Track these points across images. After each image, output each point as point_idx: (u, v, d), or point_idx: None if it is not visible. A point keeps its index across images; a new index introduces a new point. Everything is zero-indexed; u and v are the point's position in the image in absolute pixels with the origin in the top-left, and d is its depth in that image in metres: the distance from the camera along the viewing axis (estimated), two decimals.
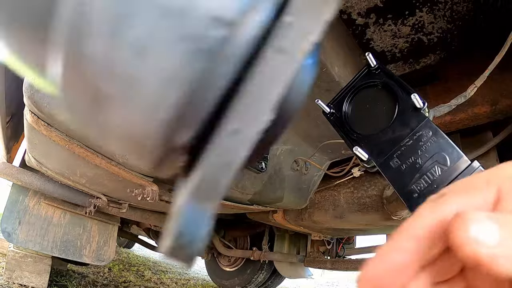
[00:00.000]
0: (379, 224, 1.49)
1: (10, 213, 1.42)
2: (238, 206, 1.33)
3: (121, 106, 0.10)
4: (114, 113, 0.11)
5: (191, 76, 0.09)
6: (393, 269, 0.19)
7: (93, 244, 1.59)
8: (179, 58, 0.09)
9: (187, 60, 0.09)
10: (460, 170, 0.40)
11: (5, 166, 1.27)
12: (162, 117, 0.10)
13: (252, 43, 0.10)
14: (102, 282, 2.14)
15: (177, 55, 0.09)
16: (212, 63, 0.09)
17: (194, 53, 0.09)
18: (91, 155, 0.82)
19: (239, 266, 2.76)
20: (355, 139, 0.50)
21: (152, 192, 0.93)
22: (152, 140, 0.11)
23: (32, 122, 0.75)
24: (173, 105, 0.10)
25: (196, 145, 0.11)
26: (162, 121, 0.10)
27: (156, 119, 0.10)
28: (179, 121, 0.10)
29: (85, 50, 0.09)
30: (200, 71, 0.09)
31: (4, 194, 1.50)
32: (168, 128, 0.10)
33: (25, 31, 0.12)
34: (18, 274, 1.48)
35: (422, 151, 0.43)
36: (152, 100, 0.10)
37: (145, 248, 2.69)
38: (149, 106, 0.10)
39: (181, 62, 0.09)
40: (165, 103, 0.10)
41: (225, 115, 0.10)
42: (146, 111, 0.10)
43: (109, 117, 0.11)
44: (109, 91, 0.10)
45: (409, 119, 0.45)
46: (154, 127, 0.10)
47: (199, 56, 0.09)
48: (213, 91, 0.10)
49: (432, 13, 0.74)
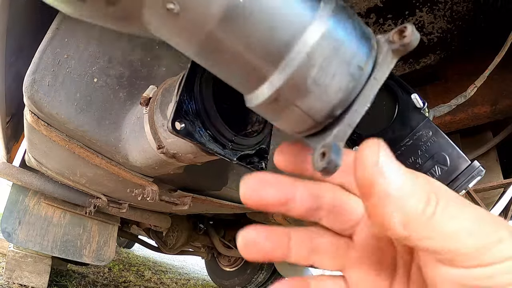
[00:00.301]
0: None
1: (10, 213, 1.42)
2: (238, 206, 1.33)
3: (317, 98, 0.23)
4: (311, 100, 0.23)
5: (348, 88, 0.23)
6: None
7: (93, 244, 1.60)
8: (345, 81, 0.23)
9: (347, 82, 0.23)
10: (460, 170, 0.40)
11: (5, 166, 1.27)
12: (334, 102, 0.23)
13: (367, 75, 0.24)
14: (102, 282, 2.14)
15: (344, 80, 0.22)
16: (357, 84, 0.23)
17: (350, 79, 0.23)
18: (91, 155, 0.82)
19: (239, 266, 2.76)
20: (355, 139, 0.50)
21: (152, 192, 0.93)
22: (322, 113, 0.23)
23: (32, 122, 0.75)
24: (338, 100, 0.23)
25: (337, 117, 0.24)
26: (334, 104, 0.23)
27: (330, 102, 0.23)
28: (340, 105, 0.23)
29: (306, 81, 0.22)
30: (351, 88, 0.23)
31: (4, 194, 1.50)
32: (332, 107, 0.23)
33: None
34: (18, 274, 1.48)
35: (422, 151, 0.43)
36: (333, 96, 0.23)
37: (145, 248, 2.69)
38: (330, 97, 0.23)
39: (345, 83, 0.23)
40: (336, 97, 0.23)
41: (353, 104, 0.24)
42: (327, 98, 0.23)
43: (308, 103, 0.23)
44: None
45: (409, 119, 0.45)
46: (328, 105, 0.23)
47: (352, 80, 0.23)
48: (353, 95, 0.23)
49: (432, 13, 0.74)
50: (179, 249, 2.37)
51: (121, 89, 0.75)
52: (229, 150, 0.53)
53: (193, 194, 1.10)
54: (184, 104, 0.47)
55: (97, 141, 0.75)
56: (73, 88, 0.70)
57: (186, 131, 0.41)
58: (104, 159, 0.84)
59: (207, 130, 0.49)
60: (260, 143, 0.59)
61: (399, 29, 0.23)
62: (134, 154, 0.75)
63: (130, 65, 0.75)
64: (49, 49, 0.67)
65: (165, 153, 0.62)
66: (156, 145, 0.62)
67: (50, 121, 0.73)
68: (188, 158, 0.62)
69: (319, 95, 0.22)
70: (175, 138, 0.56)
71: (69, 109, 0.70)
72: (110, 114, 0.74)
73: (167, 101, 0.58)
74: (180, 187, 1.08)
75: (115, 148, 0.77)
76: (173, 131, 0.41)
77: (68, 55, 0.68)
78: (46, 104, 0.67)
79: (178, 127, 0.41)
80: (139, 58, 0.76)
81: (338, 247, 0.27)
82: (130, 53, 0.75)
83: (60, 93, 0.68)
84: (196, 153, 0.58)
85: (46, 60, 0.67)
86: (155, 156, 0.67)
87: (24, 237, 1.41)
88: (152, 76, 0.78)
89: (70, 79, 0.69)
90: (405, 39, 0.22)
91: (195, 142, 0.43)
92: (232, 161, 0.50)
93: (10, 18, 0.66)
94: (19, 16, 0.72)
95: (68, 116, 0.70)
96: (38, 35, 0.71)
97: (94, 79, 0.71)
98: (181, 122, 0.40)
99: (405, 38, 0.22)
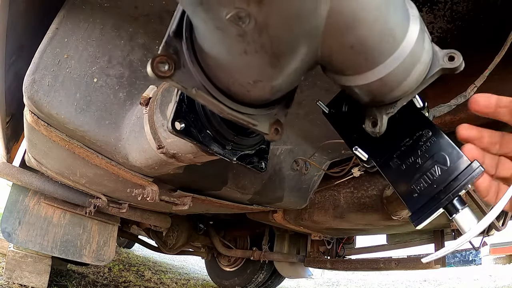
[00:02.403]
0: (379, 224, 1.49)
1: (10, 213, 1.42)
2: (238, 206, 1.33)
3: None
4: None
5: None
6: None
7: (93, 244, 1.59)
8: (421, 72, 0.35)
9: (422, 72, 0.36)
10: (460, 170, 0.40)
11: (5, 166, 1.27)
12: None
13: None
14: (102, 282, 2.14)
15: (420, 71, 0.35)
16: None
17: (424, 71, 0.36)
18: (91, 155, 0.82)
19: (239, 266, 2.75)
20: (355, 139, 0.50)
21: (152, 192, 0.93)
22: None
23: (32, 122, 0.75)
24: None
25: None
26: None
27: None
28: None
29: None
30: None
31: (4, 194, 1.50)
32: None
33: None
34: (18, 274, 1.48)
35: (422, 151, 0.43)
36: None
37: (145, 248, 2.69)
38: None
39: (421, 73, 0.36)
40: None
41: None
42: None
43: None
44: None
45: (409, 119, 0.45)
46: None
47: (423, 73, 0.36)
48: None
49: (432, 13, 0.74)
50: (179, 249, 2.37)
51: (121, 89, 0.75)
52: (229, 150, 0.53)
53: (193, 194, 1.10)
54: (184, 104, 0.47)
55: (97, 141, 0.75)
56: (73, 88, 0.69)
57: (186, 131, 0.41)
58: (104, 159, 0.84)
59: (207, 130, 0.49)
60: (260, 143, 0.59)
61: (450, 55, 0.34)
62: (134, 154, 0.75)
63: (130, 65, 0.75)
64: (49, 49, 0.67)
65: (165, 153, 0.62)
66: (156, 145, 0.62)
67: (50, 121, 0.73)
68: (188, 158, 0.62)
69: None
70: (175, 138, 0.56)
71: (69, 109, 0.69)
72: (110, 114, 0.74)
73: (167, 101, 0.58)
74: (180, 187, 1.08)
75: (115, 148, 0.77)
76: (173, 131, 0.41)
77: (68, 55, 0.68)
78: (46, 104, 0.67)
79: (178, 127, 0.41)
80: (139, 58, 0.76)
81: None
82: (130, 53, 0.75)
83: (60, 93, 0.68)
84: (196, 153, 0.58)
85: (46, 60, 0.67)
86: (155, 156, 0.67)
87: (24, 237, 1.41)
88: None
89: (70, 79, 0.69)
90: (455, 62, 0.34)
91: (195, 142, 0.43)
92: (232, 161, 0.50)
93: (10, 18, 0.66)
94: (19, 16, 0.72)
95: (68, 116, 0.70)
96: (38, 35, 0.71)
97: (94, 79, 0.71)
98: (181, 122, 0.40)
99: (454, 62, 0.34)
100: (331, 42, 0.29)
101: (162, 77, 0.32)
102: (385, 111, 0.37)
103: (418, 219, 0.41)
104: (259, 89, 0.34)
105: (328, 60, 0.33)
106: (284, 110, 0.41)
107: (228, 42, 0.28)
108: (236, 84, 0.34)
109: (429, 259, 0.40)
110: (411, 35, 0.31)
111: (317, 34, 0.29)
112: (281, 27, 0.26)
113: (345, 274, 5.22)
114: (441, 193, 0.40)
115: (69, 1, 0.68)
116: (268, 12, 0.24)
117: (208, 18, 0.27)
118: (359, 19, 0.27)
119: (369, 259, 1.88)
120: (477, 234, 0.37)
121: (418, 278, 4.83)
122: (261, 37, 0.27)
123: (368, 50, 0.30)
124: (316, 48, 0.31)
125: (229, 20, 0.25)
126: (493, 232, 1.52)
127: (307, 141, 1.20)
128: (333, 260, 2.09)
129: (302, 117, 1.04)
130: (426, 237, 1.83)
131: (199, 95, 0.35)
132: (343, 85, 0.36)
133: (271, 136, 0.40)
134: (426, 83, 0.35)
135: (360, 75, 0.33)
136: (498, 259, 7.06)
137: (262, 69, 0.31)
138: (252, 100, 0.37)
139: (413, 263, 1.65)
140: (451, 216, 0.40)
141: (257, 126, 0.38)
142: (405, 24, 0.31)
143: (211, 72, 0.34)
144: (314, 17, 0.26)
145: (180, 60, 0.34)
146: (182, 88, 0.34)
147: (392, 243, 2.02)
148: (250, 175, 1.11)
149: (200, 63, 0.34)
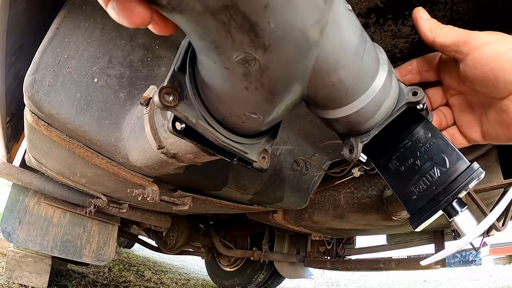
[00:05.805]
0: (379, 224, 1.49)
1: (10, 213, 1.42)
2: (238, 206, 1.33)
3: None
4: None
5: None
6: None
7: (93, 244, 1.60)
8: (389, 106, 0.43)
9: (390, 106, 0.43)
10: (459, 171, 0.39)
11: (5, 166, 1.27)
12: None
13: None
14: (102, 282, 2.14)
15: (388, 106, 0.42)
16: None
17: (391, 106, 0.43)
18: (91, 155, 0.82)
19: (239, 266, 2.76)
20: None
21: (152, 192, 0.93)
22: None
23: (32, 122, 0.75)
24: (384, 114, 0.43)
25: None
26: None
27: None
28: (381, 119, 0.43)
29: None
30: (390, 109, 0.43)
31: (4, 194, 1.50)
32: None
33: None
34: (18, 274, 1.48)
35: (421, 152, 0.43)
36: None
37: (145, 248, 2.69)
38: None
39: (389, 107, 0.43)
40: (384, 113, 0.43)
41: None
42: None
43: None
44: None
45: (408, 121, 0.45)
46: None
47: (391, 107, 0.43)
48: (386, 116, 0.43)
49: (432, 13, 0.74)
50: (179, 249, 2.37)
51: (121, 89, 0.75)
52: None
53: (193, 194, 1.10)
54: None
55: (97, 141, 0.75)
56: (73, 88, 0.70)
57: (186, 131, 0.41)
58: (104, 159, 0.84)
59: None
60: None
61: (413, 90, 0.41)
62: (134, 154, 0.75)
63: (130, 65, 0.75)
64: (50, 49, 0.67)
65: (165, 153, 0.62)
66: (157, 145, 0.62)
67: (50, 121, 0.73)
68: (188, 158, 0.62)
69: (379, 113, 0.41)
70: (176, 138, 0.56)
71: (69, 109, 0.70)
72: (110, 114, 0.74)
73: None
74: (180, 187, 1.08)
75: (115, 148, 0.77)
76: (174, 131, 0.41)
77: (68, 55, 0.68)
78: (46, 104, 0.67)
79: (179, 127, 0.41)
80: (139, 58, 0.76)
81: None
82: (130, 53, 0.75)
83: (60, 93, 0.68)
84: (196, 153, 0.58)
85: (47, 60, 0.67)
86: (155, 156, 0.67)
87: (24, 237, 1.41)
88: (152, 76, 0.78)
89: (70, 79, 0.69)
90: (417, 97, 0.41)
91: (195, 143, 0.43)
92: (232, 161, 0.50)
93: (10, 18, 0.66)
94: (19, 16, 0.72)
95: (68, 116, 0.70)
96: (38, 35, 0.71)
97: (95, 79, 0.71)
98: (181, 122, 0.40)
99: (417, 96, 0.41)
100: (316, 81, 0.35)
101: (168, 107, 0.37)
102: (360, 140, 0.43)
103: (417, 221, 0.41)
104: (253, 121, 0.39)
105: (313, 97, 0.38)
106: (270, 141, 0.47)
107: (233, 80, 0.33)
108: (233, 115, 0.38)
109: (428, 262, 0.40)
110: (381, 75, 0.38)
111: (306, 75, 0.34)
112: (280, 69, 0.31)
113: (345, 274, 5.22)
114: (440, 195, 0.40)
115: (69, 1, 0.68)
116: (271, 57, 0.29)
117: (219, 60, 0.31)
118: (340, 63, 0.34)
119: (369, 259, 1.88)
120: (476, 236, 0.37)
121: (418, 278, 4.84)
122: (262, 77, 0.32)
123: (347, 87, 0.36)
124: (303, 87, 0.36)
125: (237, 61, 0.30)
126: (493, 232, 1.52)
127: (308, 141, 1.20)
128: (333, 260, 2.09)
129: (302, 117, 1.04)
130: (426, 237, 1.83)
131: (199, 125, 0.39)
132: (325, 118, 0.42)
133: (259, 164, 0.46)
134: (394, 115, 0.42)
135: (340, 109, 0.39)
136: (498, 259, 7.06)
137: (258, 104, 0.36)
138: (245, 130, 0.42)
139: (413, 263, 1.65)
140: (450, 218, 0.39)
141: (248, 154, 0.44)
142: (376, 67, 0.38)
143: (210, 104, 0.39)
144: (305, 62, 0.32)
145: (183, 92, 0.38)
146: (184, 117, 0.38)
147: (392, 244, 2.02)
148: (250, 175, 1.11)
149: (201, 95, 0.39)
